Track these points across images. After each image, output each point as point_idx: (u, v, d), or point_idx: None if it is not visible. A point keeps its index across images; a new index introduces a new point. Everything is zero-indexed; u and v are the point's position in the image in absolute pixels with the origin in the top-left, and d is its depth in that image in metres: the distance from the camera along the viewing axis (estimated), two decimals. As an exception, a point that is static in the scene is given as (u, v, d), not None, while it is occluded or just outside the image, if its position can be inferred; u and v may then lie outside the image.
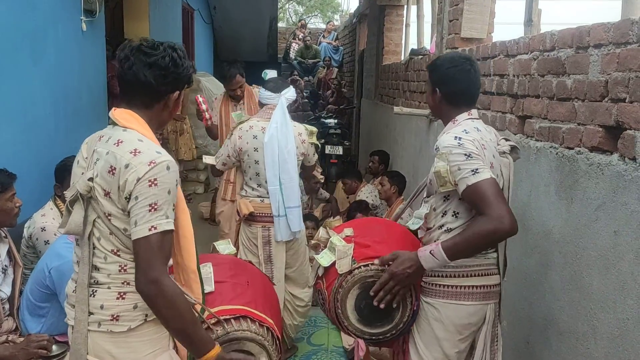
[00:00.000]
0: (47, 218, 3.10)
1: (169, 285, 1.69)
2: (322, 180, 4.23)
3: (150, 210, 1.67)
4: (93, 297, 1.77)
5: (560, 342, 2.39)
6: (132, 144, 1.73)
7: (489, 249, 2.24)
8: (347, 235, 2.38)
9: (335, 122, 9.57)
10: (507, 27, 4.61)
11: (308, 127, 3.66)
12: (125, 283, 1.77)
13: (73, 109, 4.17)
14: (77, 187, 1.76)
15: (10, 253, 2.83)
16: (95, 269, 1.78)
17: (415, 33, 6.78)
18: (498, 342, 2.34)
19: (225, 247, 2.71)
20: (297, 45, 14.24)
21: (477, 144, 2.12)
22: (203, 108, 4.49)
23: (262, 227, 3.44)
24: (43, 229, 3.04)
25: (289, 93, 3.51)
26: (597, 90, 2.19)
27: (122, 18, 6.99)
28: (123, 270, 1.77)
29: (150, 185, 1.68)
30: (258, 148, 3.39)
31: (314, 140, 3.66)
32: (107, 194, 1.73)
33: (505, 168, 2.25)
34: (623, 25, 2.05)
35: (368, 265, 2.26)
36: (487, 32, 4.19)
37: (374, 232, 2.47)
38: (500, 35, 3.77)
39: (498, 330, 2.33)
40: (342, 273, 2.26)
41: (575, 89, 2.36)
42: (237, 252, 3.26)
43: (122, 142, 1.74)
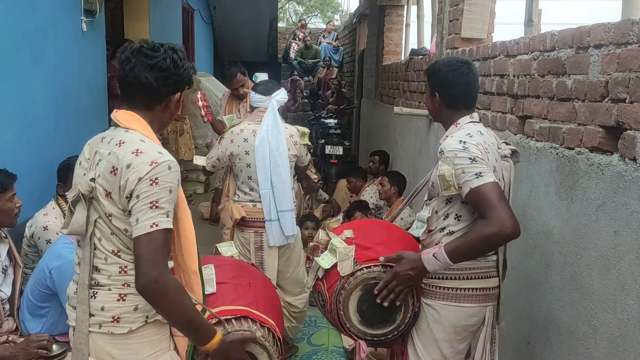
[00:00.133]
0: (49, 217, 3.10)
1: (171, 282, 1.70)
2: (317, 180, 4.20)
3: (152, 208, 1.67)
4: (94, 298, 1.78)
5: (561, 342, 2.40)
6: (134, 145, 1.73)
7: (490, 252, 2.25)
8: (347, 237, 2.38)
9: (336, 122, 9.56)
10: (507, 27, 4.60)
11: (300, 128, 3.62)
12: (126, 285, 1.77)
13: (73, 109, 4.17)
14: (79, 187, 1.77)
15: (11, 253, 2.83)
16: (96, 270, 1.79)
17: (416, 33, 6.77)
18: (495, 343, 2.35)
19: (228, 249, 2.71)
20: (297, 46, 14.24)
21: (481, 148, 2.14)
22: (200, 105, 4.47)
23: (254, 232, 3.39)
24: (45, 228, 3.04)
25: (280, 95, 3.47)
26: (597, 91, 2.19)
27: (122, 18, 6.99)
28: (123, 272, 1.77)
29: (152, 184, 1.68)
30: (249, 151, 3.35)
31: (306, 141, 3.62)
32: (108, 194, 1.73)
33: (507, 171, 2.27)
34: (623, 26, 2.05)
35: (370, 267, 2.26)
36: (487, 32, 4.18)
37: (374, 234, 2.47)
38: (501, 36, 3.77)
39: (496, 332, 2.34)
40: (344, 275, 2.26)
41: (576, 89, 2.36)
42: (238, 254, 3.24)
43: (124, 142, 1.75)
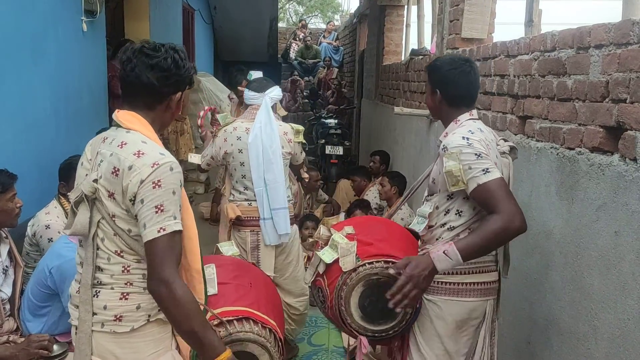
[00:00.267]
0: (51, 216, 3.11)
1: (180, 287, 1.69)
2: (307, 179, 4.15)
3: (157, 212, 1.67)
4: (96, 297, 1.78)
5: (561, 342, 2.40)
6: (135, 146, 1.73)
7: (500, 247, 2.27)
8: (348, 233, 2.37)
9: (336, 122, 9.56)
10: (507, 27, 4.61)
11: (294, 125, 3.59)
12: (128, 284, 1.77)
13: (74, 109, 4.17)
14: (81, 188, 1.77)
15: (11, 253, 2.84)
16: (99, 270, 1.79)
17: (416, 33, 6.77)
18: (495, 336, 2.37)
19: (229, 248, 2.71)
20: (297, 46, 14.23)
21: (483, 144, 2.16)
22: (199, 121, 4.30)
23: (250, 231, 3.35)
24: (47, 227, 3.04)
25: (274, 92, 3.43)
26: (597, 91, 2.19)
27: (122, 18, 6.98)
28: (126, 271, 1.77)
29: (154, 187, 1.68)
30: (242, 149, 3.32)
31: (301, 139, 3.58)
32: (111, 195, 1.73)
33: (506, 168, 2.28)
34: (624, 26, 2.05)
35: (373, 263, 2.26)
36: (487, 32, 4.19)
37: (374, 230, 2.48)
38: (501, 36, 3.77)
39: (495, 325, 2.36)
40: (346, 271, 2.26)
41: (576, 90, 2.36)
42: (239, 253, 3.22)
43: (125, 143, 1.75)
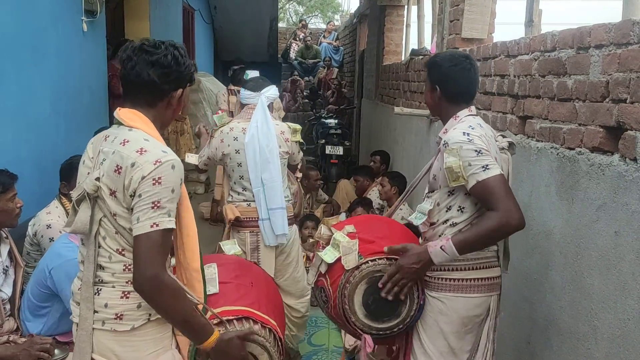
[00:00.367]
0: (52, 216, 3.11)
1: (167, 280, 1.70)
2: (298, 179, 4.15)
3: (153, 208, 1.68)
4: (98, 295, 1.78)
5: (561, 342, 2.40)
6: (138, 143, 1.74)
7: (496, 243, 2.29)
8: (349, 232, 2.37)
9: (336, 122, 9.56)
10: (507, 27, 4.62)
11: (291, 125, 3.56)
12: (130, 282, 1.77)
13: (74, 109, 4.18)
14: (83, 186, 1.77)
15: (11, 253, 2.84)
16: (100, 268, 1.79)
17: (416, 33, 6.78)
18: (496, 331, 2.37)
19: (231, 247, 2.71)
20: (297, 46, 14.23)
21: (484, 140, 2.17)
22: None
23: (250, 232, 3.32)
24: (49, 226, 3.04)
25: (270, 92, 3.41)
26: (598, 91, 2.19)
27: (122, 18, 6.99)
28: (127, 270, 1.77)
29: (154, 184, 1.68)
30: (239, 150, 3.29)
31: (298, 138, 3.55)
32: (112, 193, 1.74)
33: (505, 164, 2.30)
34: (624, 26, 2.06)
35: (375, 260, 2.26)
36: (487, 32, 4.19)
37: (375, 228, 2.48)
38: (501, 36, 3.77)
39: (497, 320, 2.37)
40: (348, 269, 2.26)
41: (576, 90, 2.36)
42: (241, 252, 3.17)
43: (128, 141, 1.75)
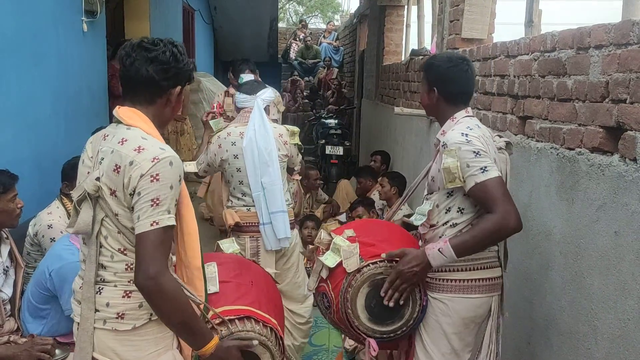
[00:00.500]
0: (53, 216, 3.11)
1: (169, 280, 1.70)
2: (296, 180, 4.13)
3: (152, 205, 1.68)
4: (99, 294, 1.78)
5: (561, 342, 2.40)
6: (136, 142, 1.74)
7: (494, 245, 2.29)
8: (349, 236, 2.37)
9: (336, 122, 9.55)
10: (507, 27, 4.62)
11: (289, 127, 3.53)
12: (131, 282, 1.76)
13: (74, 110, 4.18)
14: (84, 186, 1.77)
15: (12, 254, 2.84)
16: (102, 267, 1.79)
17: (416, 33, 6.79)
18: (499, 332, 2.38)
19: (230, 245, 2.71)
20: (297, 46, 14.23)
21: (482, 140, 2.18)
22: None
23: (250, 237, 3.28)
24: (50, 227, 3.05)
25: (266, 94, 3.37)
26: (597, 91, 2.19)
27: (122, 18, 6.99)
28: (129, 269, 1.77)
29: (152, 181, 1.68)
30: (238, 155, 3.25)
31: (296, 141, 3.51)
32: (113, 193, 1.74)
33: (503, 163, 2.31)
34: (624, 26, 2.06)
35: (376, 263, 2.26)
36: (487, 32, 4.19)
37: (375, 231, 2.48)
38: (501, 36, 3.77)
39: (500, 321, 2.37)
40: (350, 272, 2.26)
41: (576, 90, 2.36)
42: (240, 250, 3.18)
43: (126, 140, 1.75)
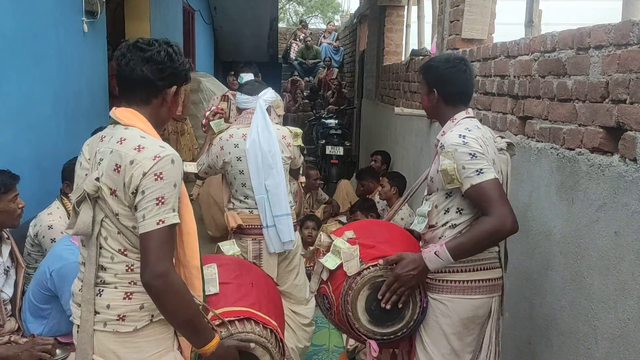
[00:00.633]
0: (53, 216, 3.11)
1: (176, 279, 1.72)
2: (303, 183, 4.13)
3: (158, 204, 1.68)
4: (99, 296, 1.78)
5: (562, 342, 2.40)
6: (135, 141, 1.74)
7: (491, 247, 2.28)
8: (349, 238, 2.37)
9: (336, 122, 9.56)
10: (507, 27, 4.62)
11: (292, 128, 3.50)
12: (132, 283, 1.77)
13: (74, 110, 4.18)
14: (83, 187, 1.77)
15: (13, 254, 2.84)
16: (102, 269, 1.79)
17: (416, 34, 6.79)
18: (499, 333, 2.37)
19: (230, 247, 2.71)
20: (297, 46, 14.23)
21: (480, 142, 2.17)
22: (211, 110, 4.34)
23: (252, 239, 3.25)
24: (50, 227, 3.05)
25: (267, 95, 3.35)
26: (597, 92, 2.20)
27: (123, 19, 7.00)
28: (130, 270, 1.77)
29: (156, 179, 1.69)
30: (241, 157, 3.21)
31: (299, 143, 3.49)
32: (113, 193, 1.74)
33: (504, 164, 2.30)
34: (624, 27, 2.06)
35: (377, 265, 2.26)
36: (487, 32, 4.19)
37: (375, 233, 2.48)
38: (501, 36, 3.77)
39: (501, 322, 2.37)
40: (351, 275, 2.26)
41: (576, 90, 2.36)
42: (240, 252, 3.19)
43: (125, 139, 1.75)
